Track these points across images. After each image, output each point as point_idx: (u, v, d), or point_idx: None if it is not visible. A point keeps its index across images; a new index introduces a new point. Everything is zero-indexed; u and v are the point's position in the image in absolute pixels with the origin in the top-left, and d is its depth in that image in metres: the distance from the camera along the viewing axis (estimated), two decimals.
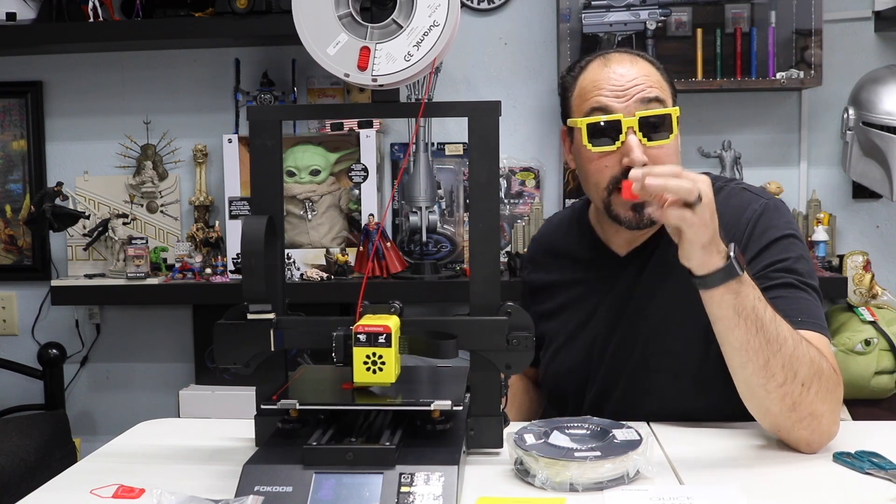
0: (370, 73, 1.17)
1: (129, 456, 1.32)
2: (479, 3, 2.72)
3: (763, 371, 1.21)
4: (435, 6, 1.16)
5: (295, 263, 2.55)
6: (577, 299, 1.56)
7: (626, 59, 1.45)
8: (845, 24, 2.65)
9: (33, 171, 2.85)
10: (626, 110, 1.39)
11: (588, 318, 1.53)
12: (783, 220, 1.43)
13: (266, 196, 1.25)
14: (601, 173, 1.42)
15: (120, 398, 2.91)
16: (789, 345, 1.21)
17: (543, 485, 1.10)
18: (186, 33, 2.61)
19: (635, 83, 1.41)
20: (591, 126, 1.40)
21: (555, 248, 1.65)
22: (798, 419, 1.22)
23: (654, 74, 1.44)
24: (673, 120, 1.40)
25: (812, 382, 1.22)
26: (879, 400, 2.42)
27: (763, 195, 1.48)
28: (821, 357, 1.25)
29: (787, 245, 1.40)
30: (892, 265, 2.72)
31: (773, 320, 1.21)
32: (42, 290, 2.83)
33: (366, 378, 1.12)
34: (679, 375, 1.44)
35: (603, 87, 1.42)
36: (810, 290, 1.38)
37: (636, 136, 1.37)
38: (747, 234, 1.41)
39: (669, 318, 1.45)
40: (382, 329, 1.11)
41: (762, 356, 1.20)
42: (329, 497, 1.04)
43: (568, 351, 1.56)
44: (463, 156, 2.70)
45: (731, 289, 1.20)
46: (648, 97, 1.40)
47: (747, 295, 1.21)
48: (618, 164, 1.39)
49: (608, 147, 1.39)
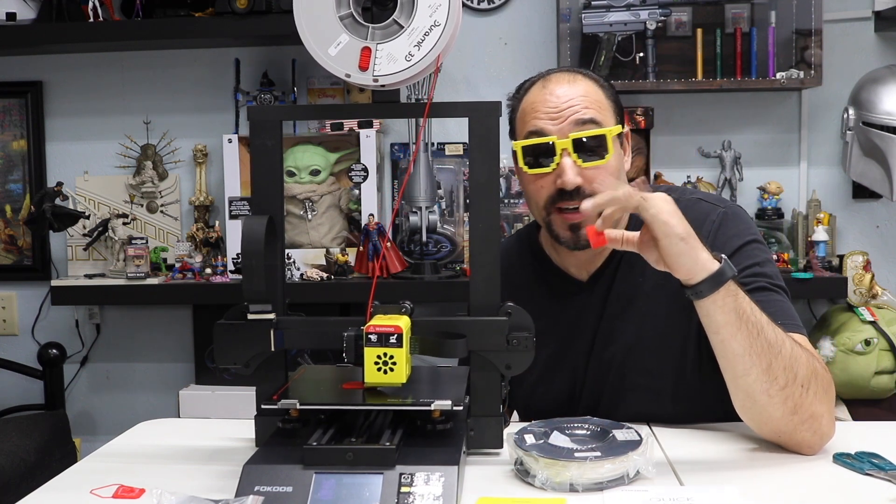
0: (371, 74, 1.17)
1: (129, 456, 1.32)
2: (479, 3, 2.72)
3: (766, 375, 1.20)
4: (436, 6, 1.16)
5: (295, 263, 2.55)
6: (544, 332, 1.43)
7: (564, 80, 1.44)
8: (845, 24, 2.65)
9: (33, 171, 2.85)
10: (560, 132, 1.40)
11: (562, 349, 1.51)
12: (743, 227, 1.44)
13: (266, 196, 1.25)
14: (538, 193, 1.44)
15: (120, 398, 2.91)
16: (787, 346, 1.22)
17: (543, 485, 1.10)
18: (186, 33, 2.61)
19: (570, 105, 1.41)
20: (527, 148, 1.42)
21: (509, 279, 1.50)
22: (800, 421, 1.23)
23: (593, 94, 1.44)
24: (608, 140, 1.40)
25: (810, 383, 1.22)
26: (879, 400, 2.42)
27: (719, 203, 1.49)
28: (813, 357, 1.26)
29: (751, 251, 1.42)
30: (892, 265, 2.72)
31: (770, 322, 1.22)
32: (42, 290, 2.83)
33: (377, 378, 1.12)
34: (656, 391, 1.45)
35: (539, 109, 1.43)
36: (781, 291, 1.39)
37: (570, 158, 1.39)
38: (709, 245, 1.39)
39: (642, 336, 1.46)
40: (394, 329, 1.11)
41: (765, 359, 1.20)
42: (329, 497, 1.04)
43: (548, 385, 1.54)
44: (463, 156, 2.70)
45: (731, 291, 1.20)
46: (583, 118, 1.40)
47: (744, 297, 1.21)
48: (553, 184, 1.41)
49: (544, 169, 1.41)
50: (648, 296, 1.46)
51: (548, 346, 1.51)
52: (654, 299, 1.45)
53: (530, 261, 1.59)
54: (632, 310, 1.47)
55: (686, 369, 1.44)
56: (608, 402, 1.48)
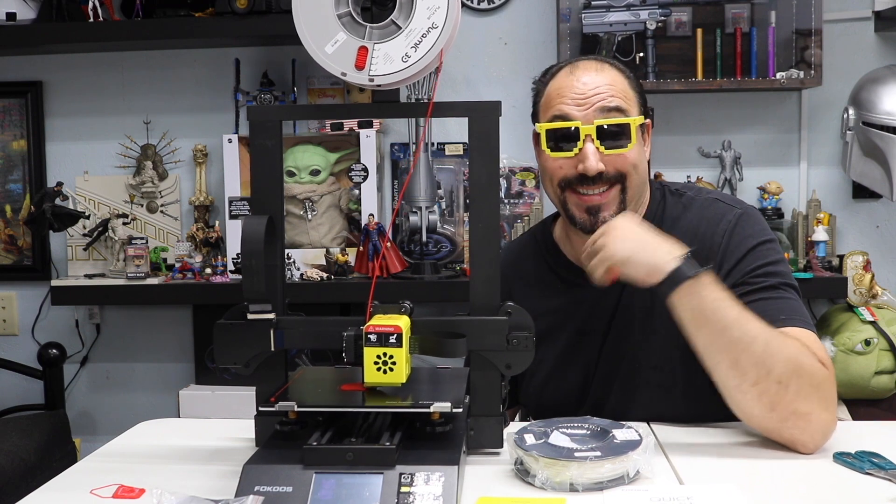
0: (367, 73, 1.17)
1: (129, 456, 1.32)
2: (479, 3, 2.72)
3: (734, 370, 1.24)
4: (434, 8, 1.16)
5: (295, 263, 2.55)
6: (557, 326, 1.53)
7: (592, 68, 1.46)
8: (845, 24, 2.65)
9: (33, 171, 2.85)
10: (585, 118, 1.42)
11: (576, 344, 1.52)
12: (758, 228, 1.47)
13: (266, 196, 1.25)
14: (555, 172, 1.45)
15: (120, 398, 2.91)
16: (759, 342, 1.23)
17: (543, 485, 1.10)
18: (186, 33, 2.61)
19: (597, 92, 1.43)
20: (551, 132, 1.44)
21: (523, 276, 1.60)
22: (781, 419, 1.23)
23: (619, 83, 1.45)
24: (632, 129, 1.42)
25: (790, 380, 1.23)
26: (879, 400, 2.42)
27: (736, 205, 1.50)
28: (802, 353, 1.25)
29: (764, 251, 1.44)
30: (892, 265, 2.72)
31: (740, 319, 1.24)
32: (42, 290, 2.83)
33: (376, 378, 1.12)
34: (668, 387, 1.46)
35: (565, 94, 1.44)
36: (791, 290, 1.41)
37: (593, 144, 1.41)
38: (724, 245, 1.44)
39: (654, 332, 1.46)
40: (393, 329, 1.11)
41: (730, 355, 1.24)
42: (329, 497, 1.04)
43: (559, 380, 1.54)
44: (463, 156, 2.70)
45: (692, 290, 1.25)
46: (609, 106, 1.42)
47: (706, 297, 1.25)
48: (573, 167, 1.43)
49: (566, 153, 1.43)
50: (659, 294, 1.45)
51: (561, 340, 1.53)
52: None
53: (545, 257, 1.60)
54: (644, 306, 1.47)
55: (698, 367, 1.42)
56: (620, 398, 1.48)
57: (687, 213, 1.50)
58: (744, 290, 1.37)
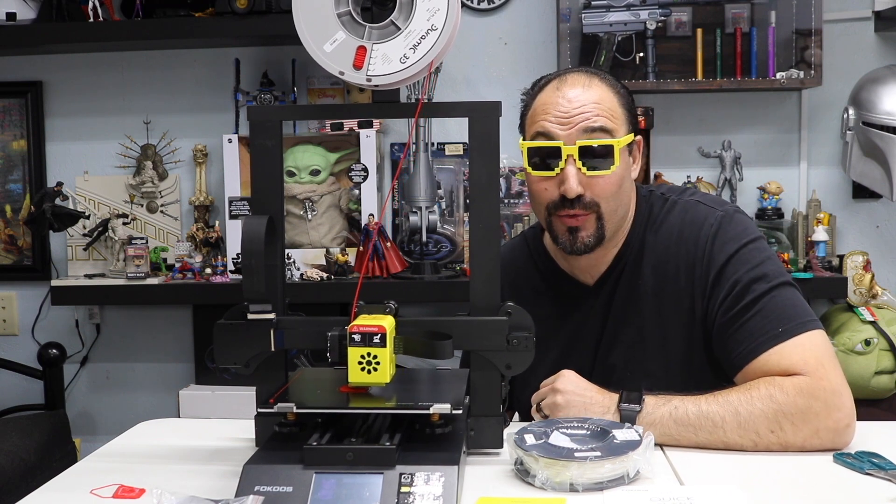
0: (365, 73, 1.17)
1: (129, 456, 1.32)
2: (479, 3, 2.72)
3: (732, 447, 1.26)
4: (434, 10, 1.16)
5: (295, 263, 2.55)
6: (548, 334, 1.49)
7: (580, 83, 1.43)
8: (845, 24, 2.65)
9: (33, 171, 2.85)
10: (568, 138, 1.39)
11: (568, 353, 1.51)
12: (740, 229, 1.43)
13: (266, 196, 1.25)
14: (542, 195, 1.43)
15: (120, 398, 2.91)
16: (730, 419, 1.25)
17: (543, 485, 1.10)
18: (186, 33, 2.61)
19: (582, 111, 1.40)
20: (533, 150, 1.42)
21: (513, 281, 1.56)
22: (803, 442, 1.25)
23: (606, 101, 1.42)
24: (615, 151, 1.39)
25: (780, 426, 1.24)
26: (879, 400, 2.42)
27: (718, 206, 1.48)
28: (771, 397, 1.25)
29: (747, 254, 1.40)
30: (892, 265, 2.72)
31: (700, 413, 1.26)
32: (42, 290, 2.83)
33: (360, 378, 1.11)
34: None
35: (550, 112, 1.41)
36: (782, 287, 1.37)
37: (574, 166, 1.39)
38: (708, 251, 1.42)
39: (645, 341, 1.46)
40: (377, 329, 1.11)
41: (717, 442, 1.26)
42: (329, 497, 1.04)
43: None
44: (463, 156, 2.70)
45: (649, 420, 1.26)
46: (593, 126, 1.39)
47: (661, 417, 1.27)
48: (556, 188, 1.41)
49: (548, 172, 1.41)
50: (650, 300, 1.46)
51: (554, 349, 1.51)
52: (656, 304, 1.45)
53: (537, 266, 1.59)
54: (635, 314, 1.47)
55: (694, 376, 1.43)
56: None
57: (669, 216, 1.48)
58: (735, 307, 1.36)
